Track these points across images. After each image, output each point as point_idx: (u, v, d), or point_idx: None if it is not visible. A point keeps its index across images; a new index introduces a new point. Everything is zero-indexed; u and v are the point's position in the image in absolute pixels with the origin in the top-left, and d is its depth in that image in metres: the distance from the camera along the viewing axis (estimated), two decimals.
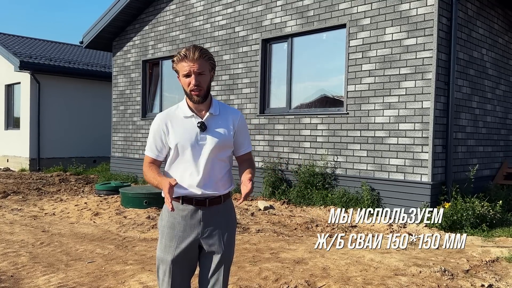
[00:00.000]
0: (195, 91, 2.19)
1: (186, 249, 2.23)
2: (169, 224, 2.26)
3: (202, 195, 2.24)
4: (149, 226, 6.18)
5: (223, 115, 2.32)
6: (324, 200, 7.42)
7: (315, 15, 7.96)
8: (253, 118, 8.94)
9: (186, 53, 2.17)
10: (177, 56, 2.21)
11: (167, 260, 2.23)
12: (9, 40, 16.36)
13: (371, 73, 7.19)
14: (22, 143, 14.58)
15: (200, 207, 2.24)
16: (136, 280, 3.93)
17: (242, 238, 5.50)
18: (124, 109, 12.09)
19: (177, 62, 2.21)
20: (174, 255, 2.22)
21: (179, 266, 2.23)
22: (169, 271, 2.23)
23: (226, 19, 9.45)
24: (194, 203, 2.24)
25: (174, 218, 2.25)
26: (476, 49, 7.46)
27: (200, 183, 2.23)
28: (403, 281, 3.90)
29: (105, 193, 8.91)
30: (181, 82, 2.24)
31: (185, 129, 2.25)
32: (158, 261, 2.28)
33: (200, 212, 2.24)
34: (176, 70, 2.25)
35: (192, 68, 2.17)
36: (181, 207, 2.24)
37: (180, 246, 2.22)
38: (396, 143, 6.89)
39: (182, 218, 2.24)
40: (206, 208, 2.25)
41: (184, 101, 2.31)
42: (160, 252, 2.27)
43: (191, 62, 2.17)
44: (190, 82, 2.18)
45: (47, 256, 4.75)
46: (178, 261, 2.22)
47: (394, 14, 6.93)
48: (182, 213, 2.25)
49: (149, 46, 11.36)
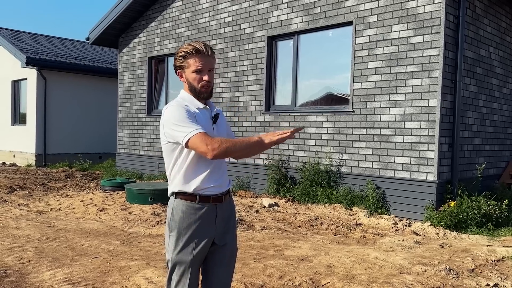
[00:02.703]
0: (206, 87, 2.18)
1: (203, 248, 2.19)
2: (185, 225, 2.17)
3: (219, 191, 2.22)
4: (154, 222, 6.20)
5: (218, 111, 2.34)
6: (329, 198, 7.41)
7: (321, 12, 7.93)
8: (258, 115, 8.93)
9: (200, 49, 2.14)
10: (186, 51, 2.15)
11: (186, 261, 2.16)
12: (15, 36, 16.43)
13: (377, 71, 7.16)
14: (29, 139, 14.66)
15: (217, 204, 2.22)
16: (141, 276, 3.94)
17: (247, 235, 5.51)
18: (129, 106, 12.12)
19: (188, 57, 2.15)
20: (192, 256, 2.16)
21: (196, 266, 2.21)
22: (188, 272, 2.17)
23: (232, 16, 9.44)
24: (212, 201, 2.19)
25: (190, 219, 2.17)
26: (484, 47, 7.40)
27: (222, 179, 2.23)
28: (408, 279, 3.88)
29: (111, 189, 8.95)
30: (189, 78, 2.18)
31: (205, 120, 2.18)
32: (174, 264, 2.18)
33: (216, 208, 2.22)
34: (181, 65, 2.19)
35: (206, 64, 2.15)
36: (197, 206, 2.17)
37: (199, 246, 2.17)
38: (402, 141, 6.86)
39: (199, 217, 2.17)
40: (221, 205, 2.23)
41: (188, 95, 2.25)
42: (177, 254, 2.17)
43: (205, 58, 2.15)
44: (202, 78, 2.16)
45: (52, 251, 4.78)
46: (195, 261, 2.19)
47: (401, 11, 6.89)
48: (199, 212, 2.17)
49: (155, 43, 11.37)
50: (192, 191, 2.15)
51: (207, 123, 2.19)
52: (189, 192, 2.16)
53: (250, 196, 8.32)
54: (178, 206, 2.18)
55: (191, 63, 2.16)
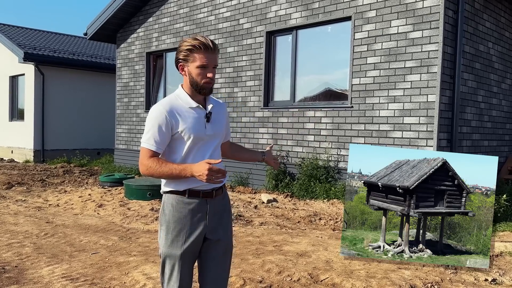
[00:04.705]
0: (209, 83, 2.18)
1: (194, 242, 2.21)
2: (175, 218, 2.20)
3: (209, 187, 2.22)
4: (153, 218, 6.19)
5: (217, 107, 2.33)
6: (327, 194, 7.41)
7: (320, 7, 7.90)
8: (257, 111, 8.92)
9: (208, 45, 2.12)
10: (192, 44, 2.12)
11: (175, 255, 2.19)
12: (13, 31, 16.35)
13: (376, 66, 7.14)
14: (26, 135, 14.62)
15: (207, 199, 2.23)
16: (139, 271, 3.95)
17: (246, 231, 5.51)
18: (128, 101, 12.09)
19: (195, 51, 2.12)
20: (182, 250, 2.18)
21: (187, 260, 2.22)
22: (178, 266, 2.19)
23: (230, 11, 9.40)
24: (201, 196, 2.21)
25: (180, 213, 2.20)
26: (483, 43, 7.39)
27: None
28: (406, 274, 3.89)
29: (109, 185, 8.94)
30: (192, 73, 2.16)
31: (194, 120, 2.20)
32: (164, 257, 2.22)
33: (207, 204, 2.23)
34: (185, 58, 2.16)
35: (211, 61, 2.15)
36: (187, 201, 2.20)
37: (189, 240, 2.19)
38: (400, 136, 6.86)
39: (189, 211, 2.20)
40: (212, 200, 2.24)
41: (183, 92, 2.25)
42: (167, 248, 2.21)
43: (211, 54, 2.14)
44: (206, 74, 2.16)
45: (51, 247, 4.77)
46: (186, 254, 2.20)
47: (400, 6, 6.87)
48: (189, 206, 2.20)
49: (153, 38, 11.33)
50: (183, 189, 2.20)
51: (196, 122, 2.19)
52: (181, 189, 2.20)
53: (249, 191, 8.32)
54: (168, 200, 2.23)
55: (197, 58, 2.13)
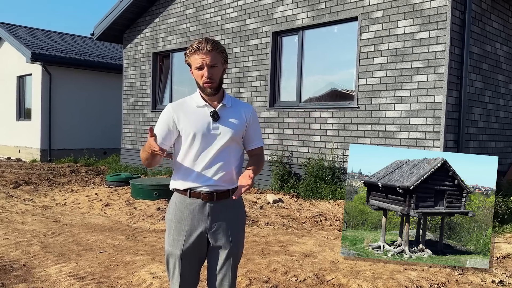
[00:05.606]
0: (207, 83, 2.19)
1: (194, 243, 2.22)
2: (177, 218, 2.24)
3: (210, 189, 2.21)
4: (159, 217, 6.22)
5: (235, 107, 2.31)
6: (333, 194, 7.41)
7: (326, 7, 7.89)
8: (262, 111, 8.92)
9: (199, 46, 2.16)
10: (189, 49, 2.20)
11: (176, 254, 2.23)
12: (20, 31, 16.46)
13: (382, 67, 7.13)
14: (34, 134, 14.72)
15: (208, 201, 2.22)
16: (146, 271, 3.96)
17: (251, 231, 5.52)
18: (134, 101, 12.14)
19: (190, 55, 2.20)
20: (182, 249, 2.22)
21: (188, 260, 2.24)
22: (178, 265, 2.23)
23: (236, 11, 9.42)
24: (202, 197, 2.21)
25: (181, 212, 2.23)
26: (490, 43, 7.35)
27: (209, 175, 2.21)
28: (413, 276, 3.88)
29: (116, 184, 8.98)
30: (194, 75, 2.23)
31: (198, 118, 2.22)
32: (167, 255, 2.28)
33: (208, 206, 2.22)
34: (188, 63, 2.24)
35: (204, 61, 2.16)
36: (189, 201, 2.22)
37: (189, 240, 2.22)
38: (407, 137, 6.84)
39: (190, 212, 2.22)
40: (214, 203, 2.22)
41: (197, 93, 2.30)
42: (169, 246, 2.26)
43: (203, 54, 2.16)
44: (203, 75, 2.18)
45: (58, 246, 4.81)
46: (186, 254, 2.22)
47: (407, 7, 6.85)
48: (190, 207, 2.22)
49: (159, 38, 11.36)
50: (184, 188, 2.24)
51: (199, 120, 2.22)
52: (182, 188, 2.26)
53: (255, 192, 8.32)
54: (173, 198, 2.31)
55: (192, 61, 2.20)
